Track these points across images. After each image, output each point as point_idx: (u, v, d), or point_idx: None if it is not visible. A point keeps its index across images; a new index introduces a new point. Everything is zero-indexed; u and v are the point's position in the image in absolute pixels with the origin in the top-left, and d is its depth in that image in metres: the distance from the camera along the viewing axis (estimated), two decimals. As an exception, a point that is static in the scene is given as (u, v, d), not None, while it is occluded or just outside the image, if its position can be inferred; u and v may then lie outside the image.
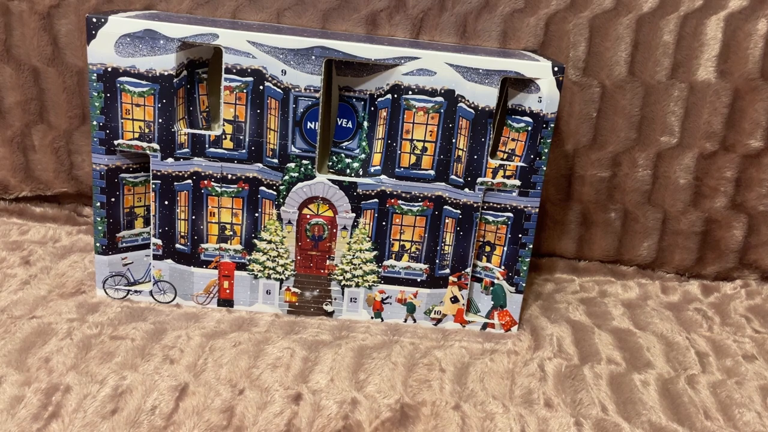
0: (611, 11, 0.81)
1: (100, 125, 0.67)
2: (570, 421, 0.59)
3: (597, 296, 0.85)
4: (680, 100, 0.83)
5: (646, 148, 0.85)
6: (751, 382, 0.69)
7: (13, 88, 0.83)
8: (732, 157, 0.85)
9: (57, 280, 0.75)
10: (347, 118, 0.72)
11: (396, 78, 0.67)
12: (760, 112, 0.83)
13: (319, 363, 0.64)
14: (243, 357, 0.63)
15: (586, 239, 0.91)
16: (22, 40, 0.82)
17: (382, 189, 0.70)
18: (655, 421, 0.61)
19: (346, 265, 0.72)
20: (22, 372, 0.58)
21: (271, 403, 0.58)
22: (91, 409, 0.55)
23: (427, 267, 0.73)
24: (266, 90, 0.66)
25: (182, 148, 0.68)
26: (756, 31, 0.80)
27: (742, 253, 0.89)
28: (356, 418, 0.57)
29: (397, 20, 0.81)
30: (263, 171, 0.69)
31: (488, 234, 0.73)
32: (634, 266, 0.92)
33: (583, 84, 0.82)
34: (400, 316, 0.74)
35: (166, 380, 0.59)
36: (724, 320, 0.82)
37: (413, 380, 0.63)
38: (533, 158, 0.69)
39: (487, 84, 0.67)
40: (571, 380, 0.66)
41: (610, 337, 0.75)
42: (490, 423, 0.58)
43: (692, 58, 0.81)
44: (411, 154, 0.69)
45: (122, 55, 0.65)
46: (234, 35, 0.65)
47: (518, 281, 0.74)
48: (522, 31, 0.81)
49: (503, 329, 0.75)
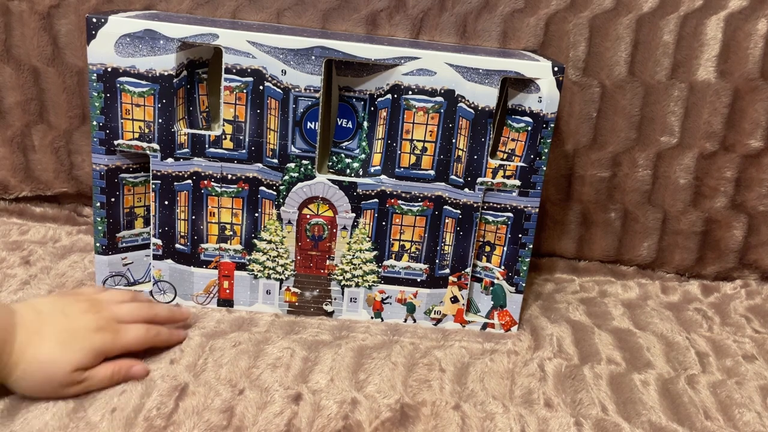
0: (611, 11, 0.81)
1: (100, 125, 0.67)
2: (570, 421, 0.59)
3: (597, 296, 0.85)
4: (680, 100, 0.83)
5: (646, 148, 0.85)
6: (751, 382, 0.69)
7: (13, 88, 0.83)
8: (732, 157, 0.85)
9: (57, 280, 0.75)
10: (347, 118, 0.72)
11: (396, 78, 0.67)
12: (760, 112, 0.83)
13: (319, 363, 0.64)
14: (243, 357, 0.63)
15: (586, 239, 0.91)
16: (22, 40, 0.82)
17: (382, 189, 0.70)
18: (655, 421, 0.61)
19: (346, 265, 0.72)
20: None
21: (271, 403, 0.58)
22: (91, 408, 0.55)
23: (427, 267, 0.73)
24: (266, 90, 0.66)
25: (182, 148, 0.68)
26: (756, 31, 0.80)
27: (742, 253, 0.89)
28: (356, 418, 0.57)
29: (397, 20, 0.81)
30: (263, 171, 0.69)
31: (488, 234, 0.73)
32: (634, 266, 0.92)
33: (583, 84, 0.82)
34: (400, 316, 0.74)
35: (166, 380, 0.59)
36: (724, 320, 0.82)
37: (413, 380, 0.63)
38: (533, 158, 0.69)
39: (487, 84, 0.67)
40: (571, 380, 0.66)
41: (610, 337, 0.75)
42: (490, 423, 0.58)
43: (692, 58, 0.81)
44: (411, 154, 0.69)
45: (122, 55, 0.65)
46: (234, 35, 0.65)
47: (518, 281, 0.74)
48: (522, 31, 0.81)
49: (503, 329, 0.75)
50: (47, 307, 0.57)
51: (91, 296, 0.62)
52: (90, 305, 0.59)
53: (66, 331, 0.56)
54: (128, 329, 0.60)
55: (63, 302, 0.59)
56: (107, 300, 0.62)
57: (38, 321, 0.55)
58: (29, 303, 0.58)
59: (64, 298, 0.61)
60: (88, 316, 0.58)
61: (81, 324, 0.57)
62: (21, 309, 0.56)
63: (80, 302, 0.59)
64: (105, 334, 0.58)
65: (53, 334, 0.55)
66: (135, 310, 0.62)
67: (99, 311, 0.59)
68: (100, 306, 0.60)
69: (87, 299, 0.60)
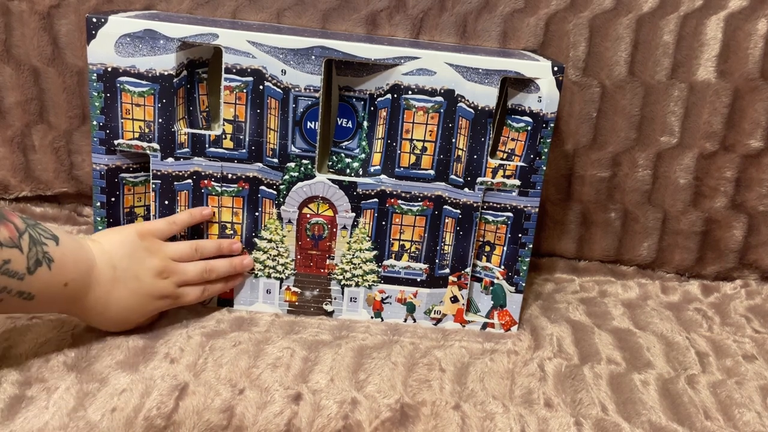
0: (611, 11, 0.81)
1: (100, 125, 0.67)
2: (570, 421, 0.59)
3: (597, 296, 0.85)
4: (680, 100, 0.83)
5: (646, 148, 0.85)
6: (751, 382, 0.68)
7: (13, 88, 0.83)
8: (732, 157, 0.85)
9: (57, 279, 0.75)
10: (347, 117, 0.72)
11: (396, 78, 0.67)
12: (760, 112, 0.83)
13: (319, 363, 0.64)
14: (243, 357, 0.63)
15: (586, 239, 0.91)
16: (22, 40, 0.82)
17: (382, 189, 0.70)
18: (655, 421, 0.61)
19: (345, 264, 0.72)
20: (22, 372, 0.58)
21: (271, 403, 0.58)
22: (91, 408, 0.55)
23: (426, 267, 0.73)
24: (266, 90, 0.66)
25: (182, 148, 0.68)
26: (756, 31, 0.80)
27: (742, 253, 0.89)
28: (356, 418, 0.57)
29: (397, 20, 0.81)
30: (263, 170, 0.69)
31: (488, 234, 0.73)
32: (634, 266, 0.92)
33: (583, 84, 0.83)
34: (399, 316, 0.74)
35: (166, 380, 0.59)
36: (724, 320, 0.82)
37: (413, 380, 0.63)
38: (533, 158, 0.70)
39: (486, 84, 0.67)
40: (571, 380, 0.66)
41: (610, 337, 0.75)
42: (490, 423, 0.58)
43: (692, 58, 0.81)
44: (411, 153, 0.69)
45: (122, 55, 0.65)
46: (234, 35, 0.65)
47: (518, 281, 0.74)
48: (522, 31, 0.81)
49: (503, 329, 0.75)
50: (123, 263, 0.61)
51: (163, 254, 0.65)
52: (162, 268, 0.64)
53: (134, 296, 0.62)
54: (188, 294, 0.67)
55: (138, 259, 0.63)
56: (177, 257, 0.66)
57: (112, 281, 0.60)
58: (108, 253, 0.61)
59: (139, 252, 0.63)
60: (156, 282, 0.64)
61: (148, 290, 0.63)
62: (100, 263, 0.60)
63: (153, 260, 0.64)
64: (167, 301, 0.65)
65: (121, 300, 0.61)
66: (199, 275, 0.67)
67: (168, 276, 0.65)
68: (169, 270, 0.65)
69: (161, 259, 0.64)
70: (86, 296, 0.59)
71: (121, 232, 0.64)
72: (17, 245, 0.51)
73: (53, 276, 0.55)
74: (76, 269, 0.57)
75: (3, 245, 0.50)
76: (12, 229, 0.51)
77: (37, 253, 0.53)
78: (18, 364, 0.59)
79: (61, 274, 0.56)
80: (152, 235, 0.65)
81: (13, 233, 0.51)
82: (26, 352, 0.61)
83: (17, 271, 0.52)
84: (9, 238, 0.51)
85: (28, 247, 0.52)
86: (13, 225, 0.52)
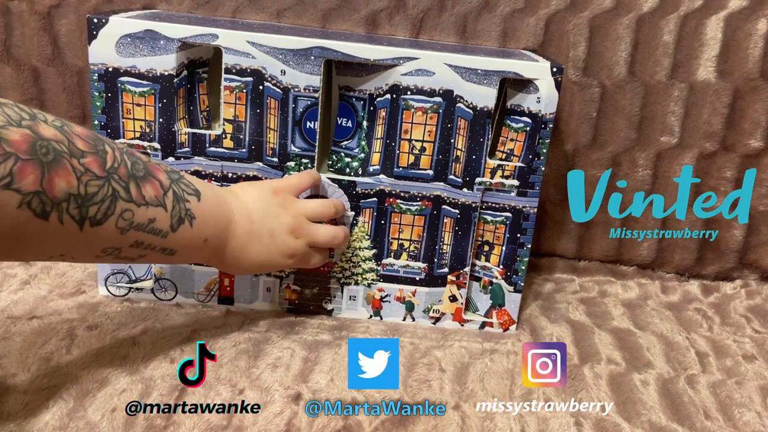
0: (611, 11, 0.81)
1: (102, 125, 0.67)
2: (570, 421, 0.59)
3: (597, 296, 0.85)
4: (680, 100, 0.83)
5: (646, 148, 0.85)
6: (751, 382, 0.68)
7: (13, 88, 0.83)
8: (732, 157, 0.85)
9: (57, 280, 0.75)
10: (347, 117, 0.72)
11: (395, 78, 0.67)
12: (760, 112, 0.83)
13: (319, 363, 0.64)
14: (243, 357, 0.63)
15: (586, 239, 0.91)
16: (22, 40, 0.82)
17: (381, 188, 0.70)
18: (655, 421, 0.61)
19: (345, 263, 0.72)
20: (22, 372, 0.58)
21: (271, 403, 0.58)
22: (91, 408, 0.55)
23: (425, 266, 0.73)
24: (266, 90, 0.67)
25: (183, 148, 0.68)
26: (756, 31, 0.80)
27: (742, 253, 0.89)
28: (356, 418, 0.57)
29: (397, 20, 0.81)
30: (263, 170, 0.69)
31: (487, 234, 0.73)
32: (634, 266, 0.92)
33: (583, 84, 0.83)
34: (399, 315, 0.74)
35: (166, 380, 0.59)
36: (724, 320, 0.82)
37: (413, 380, 0.63)
38: (532, 158, 0.70)
39: (485, 84, 0.67)
40: (571, 380, 0.66)
41: (610, 337, 0.75)
42: (490, 423, 0.58)
43: (692, 58, 0.81)
44: (410, 153, 0.69)
45: (123, 56, 0.65)
46: (234, 35, 0.65)
47: (516, 281, 0.74)
48: (522, 31, 0.81)
49: (501, 328, 0.75)
50: (259, 215, 0.61)
51: (296, 212, 0.64)
52: (295, 225, 0.64)
53: (267, 252, 0.62)
54: (314, 256, 0.67)
55: (273, 215, 0.62)
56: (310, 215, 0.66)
57: (248, 234, 0.61)
58: (245, 205, 0.61)
59: (274, 208, 0.63)
60: (289, 241, 0.63)
61: (280, 248, 0.63)
62: (238, 215, 0.60)
63: (287, 217, 0.63)
64: (295, 261, 0.65)
65: (255, 254, 0.61)
66: (329, 240, 0.67)
67: (300, 236, 0.64)
68: (301, 230, 0.64)
69: (293, 216, 0.64)
70: (224, 250, 0.59)
71: (256, 186, 0.64)
72: (162, 203, 0.51)
73: (194, 233, 0.55)
74: (216, 225, 0.58)
75: (149, 204, 0.50)
76: (157, 186, 0.51)
77: (180, 211, 0.53)
78: (18, 364, 0.59)
79: (202, 231, 0.56)
80: (286, 191, 0.65)
81: (158, 191, 0.51)
82: (26, 352, 0.61)
83: (161, 229, 0.52)
84: (154, 196, 0.51)
85: (171, 204, 0.52)
86: (158, 182, 0.52)
